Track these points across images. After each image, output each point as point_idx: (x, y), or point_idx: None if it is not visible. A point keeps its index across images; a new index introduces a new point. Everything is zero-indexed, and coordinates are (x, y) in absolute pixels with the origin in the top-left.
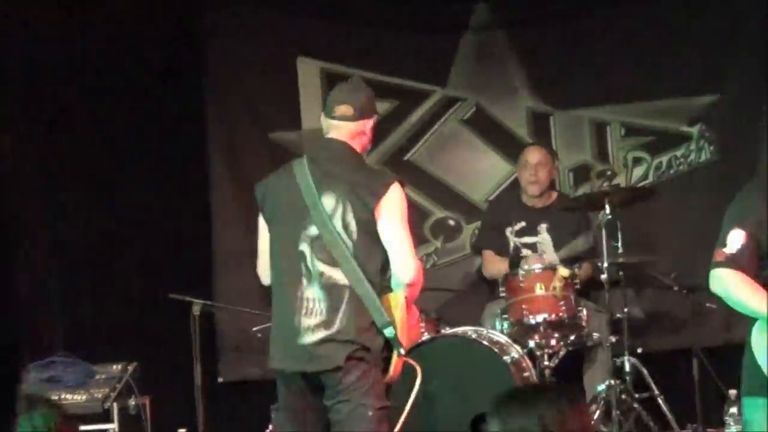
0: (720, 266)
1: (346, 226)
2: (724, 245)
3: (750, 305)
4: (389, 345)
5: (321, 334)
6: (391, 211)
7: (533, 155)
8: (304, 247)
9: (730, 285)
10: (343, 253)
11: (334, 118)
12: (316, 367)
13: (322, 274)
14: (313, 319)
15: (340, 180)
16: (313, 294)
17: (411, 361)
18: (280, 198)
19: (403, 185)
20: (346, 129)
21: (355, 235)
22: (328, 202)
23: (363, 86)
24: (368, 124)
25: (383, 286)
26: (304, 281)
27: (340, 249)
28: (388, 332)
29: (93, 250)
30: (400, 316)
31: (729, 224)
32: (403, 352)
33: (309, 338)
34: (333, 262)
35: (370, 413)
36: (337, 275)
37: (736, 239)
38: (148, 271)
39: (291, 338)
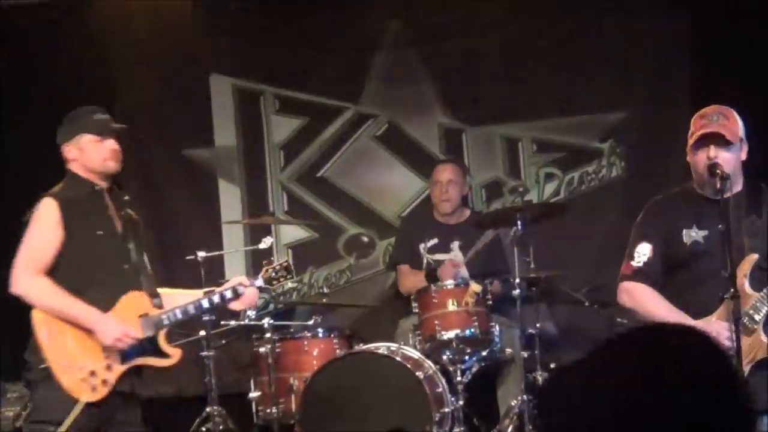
0: (627, 279)
1: None
2: (632, 258)
3: (656, 318)
4: None
5: None
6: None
7: (443, 173)
8: None
9: (637, 298)
10: None
11: None
12: None
13: None
14: None
15: None
16: None
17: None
18: None
19: (56, 200)
20: (65, 157)
21: None
22: None
23: (69, 116)
24: (69, 148)
25: None
26: None
27: None
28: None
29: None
30: (34, 332)
31: (636, 238)
32: (42, 366)
33: None
34: None
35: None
36: None
37: (643, 252)
38: None
39: None
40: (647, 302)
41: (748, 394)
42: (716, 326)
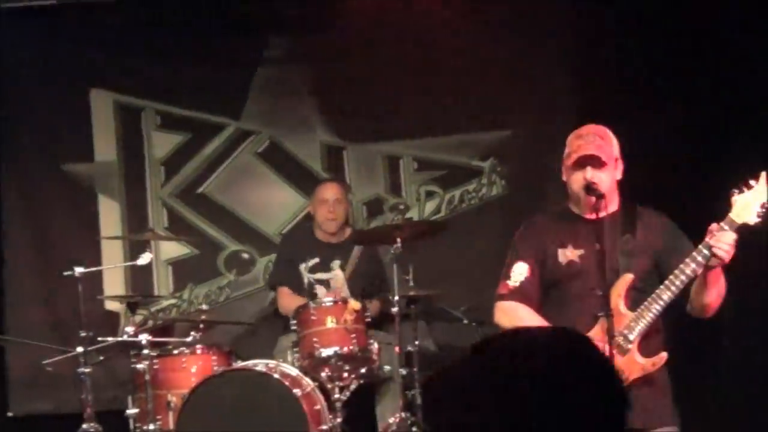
0: (503, 299)
1: None
2: (508, 278)
3: None
4: None
5: None
6: None
7: (330, 192)
8: None
9: (512, 317)
10: None
11: None
12: None
13: None
14: None
15: None
16: None
17: None
18: None
19: None
20: None
21: None
22: None
23: None
24: None
25: None
26: None
27: None
28: None
29: None
30: None
31: (512, 257)
32: None
33: None
34: None
35: None
36: None
37: (519, 272)
38: None
39: None
40: (522, 322)
41: (619, 382)
42: None
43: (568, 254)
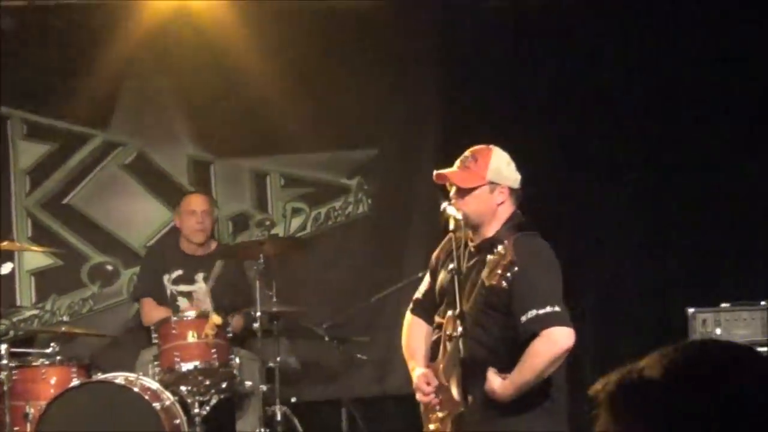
0: (409, 309)
1: None
2: (419, 289)
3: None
4: None
5: None
6: None
7: (199, 203)
8: None
9: (404, 331)
10: None
11: None
12: None
13: None
14: None
15: None
16: None
17: None
18: None
19: None
20: None
21: None
22: None
23: None
24: None
25: None
26: None
27: None
28: None
29: None
30: None
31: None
32: None
33: None
34: None
35: None
36: None
37: (424, 282)
38: None
39: None
40: (404, 334)
41: None
42: (427, 373)
43: (442, 275)
